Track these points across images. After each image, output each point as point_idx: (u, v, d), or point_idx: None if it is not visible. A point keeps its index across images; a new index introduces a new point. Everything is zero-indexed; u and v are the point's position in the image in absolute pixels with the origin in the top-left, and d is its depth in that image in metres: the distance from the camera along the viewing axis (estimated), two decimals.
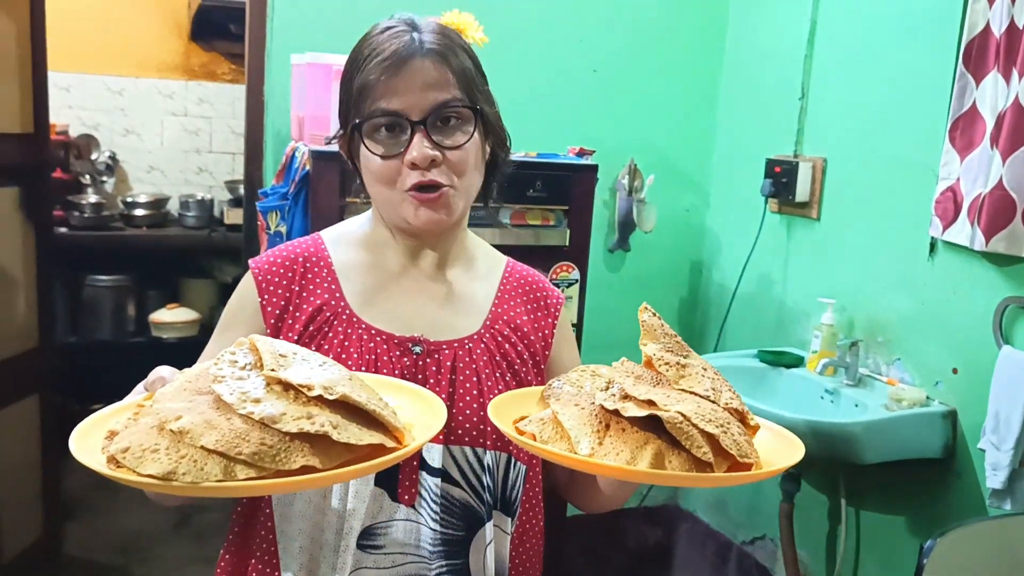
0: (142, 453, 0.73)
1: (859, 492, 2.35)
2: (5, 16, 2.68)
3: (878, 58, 2.33)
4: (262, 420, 0.75)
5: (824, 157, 2.50)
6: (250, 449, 0.74)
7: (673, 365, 0.89)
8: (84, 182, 4.11)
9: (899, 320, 2.25)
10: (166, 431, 0.75)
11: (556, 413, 0.89)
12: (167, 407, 0.77)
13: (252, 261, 1.16)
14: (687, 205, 3.00)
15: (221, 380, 0.79)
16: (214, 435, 0.74)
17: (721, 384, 0.90)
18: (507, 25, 2.60)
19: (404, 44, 1.05)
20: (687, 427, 0.81)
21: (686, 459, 0.82)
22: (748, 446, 0.85)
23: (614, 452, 0.83)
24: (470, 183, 1.12)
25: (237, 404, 0.76)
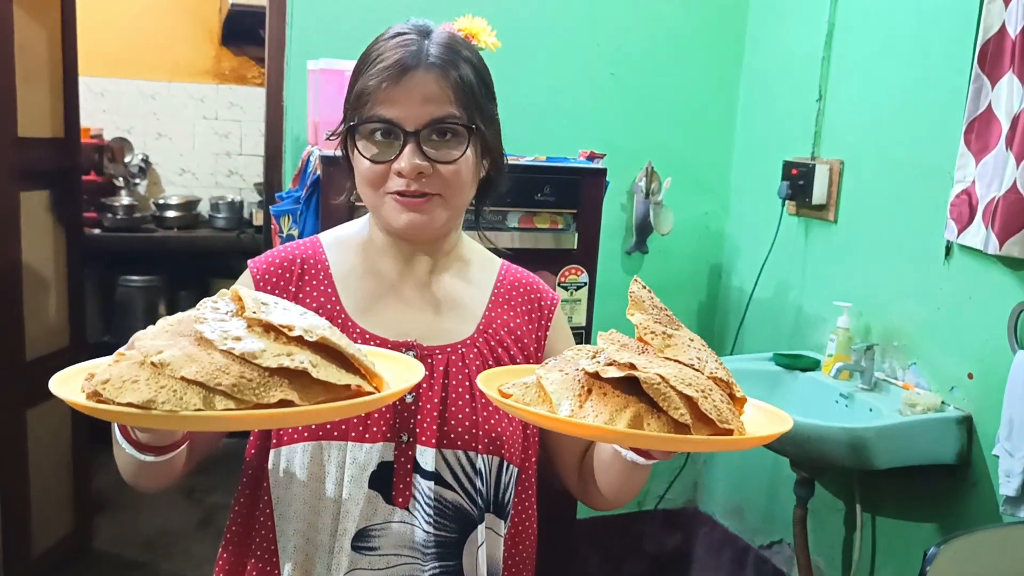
0: (122, 384, 0.74)
1: (874, 498, 2.33)
2: (36, 23, 2.74)
3: (894, 60, 2.30)
4: (242, 355, 0.76)
5: (841, 159, 2.48)
6: (230, 381, 0.75)
7: (659, 335, 0.89)
8: (117, 184, 4.21)
9: (915, 324, 2.22)
10: (147, 364, 0.76)
11: (540, 378, 0.90)
12: (148, 344, 0.78)
13: (251, 261, 1.18)
14: (705, 208, 2.98)
15: (203, 321, 0.81)
16: (194, 367, 0.75)
17: (707, 355, 0.89)
18: (523, 28, 2.60)
19: (410, 54, 1.06)
20: (664, 388, 0.81)
21: (666, 423, 0.82)
22: (730, 413, 0.84)
23: (594, 414, 0.83)
24: (458, 198, 1.13)
25: (218, 341, 0.77)
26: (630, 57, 2.79)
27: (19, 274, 2.68)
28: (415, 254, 1.18)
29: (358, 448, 1.09)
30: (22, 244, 2.68)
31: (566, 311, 2.17)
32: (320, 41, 2.41)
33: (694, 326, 3.05)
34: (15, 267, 2.65)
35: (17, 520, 2.69)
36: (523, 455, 1.18)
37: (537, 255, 2.12)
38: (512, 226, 2.11)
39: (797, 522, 2.35)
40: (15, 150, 2.61)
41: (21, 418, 2.74)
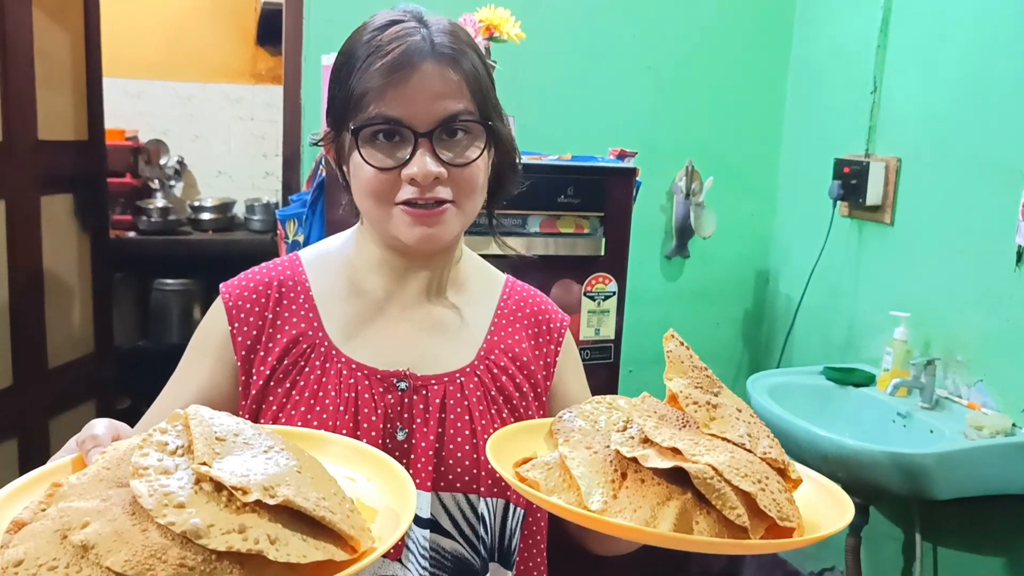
0: (37, 570, 0.62)
1: (936, 527, 2.15)
2: (59, 26, 2.71)
3: (957, 47, 2.13)
4: (183, 533, 0.64)
5: (898, 157, 2.31)
6: (166, 573, 0.62)
7: (703, 405, 0.77)
8: (153, 187, 4.19)
9: (981, 337, 2.04)
10: (68, 541, 0.64)
11: (564, 457, 0.78)
12: (74, 507, 0.66)
13: (223, 286, 1.06)
14: (751, 210, 2.83)
15: (143, 474, 0.67)
16: (124, 553, 0.62)
17: (758, 429, 0.78)
18: (549, 18, 2.50)
19: (413, 45, 0.93)
20: (719, 483, 0.70)
21: (716, 519, 0.71)
22: (789, 506, 0.73)
23: (631, 508, 0.72)
24: (473, 204, 1.00)
25: (156, 510, 0.64)
26: (668, 49, 2.66)
27: (41, 280, 2.65)
28: (410, 271, 1.05)
29: None
30: (43, 249, 2.64)
31: (592, 323, 2.03)
32: (337, 37, 2.31)
33: (738, 336, 2.89)
34: (36, 273, 2.62)
35: None
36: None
37: (560, 262, 1.98)
38: (533, 231, 1.96)
39: (850, 551, 2.18)
40: (35, 154, 2.58)
41: (44, 426, 2.71)
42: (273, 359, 1.01)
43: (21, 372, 2.55)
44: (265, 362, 1.01)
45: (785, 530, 0.72)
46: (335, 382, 0.99)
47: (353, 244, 1.08)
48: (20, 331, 2.52)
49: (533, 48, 2.11)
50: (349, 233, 1.10)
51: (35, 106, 2.57)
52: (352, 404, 0.98)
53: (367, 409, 0.98)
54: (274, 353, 1.01)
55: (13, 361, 2.51)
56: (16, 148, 2.47)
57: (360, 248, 1.07)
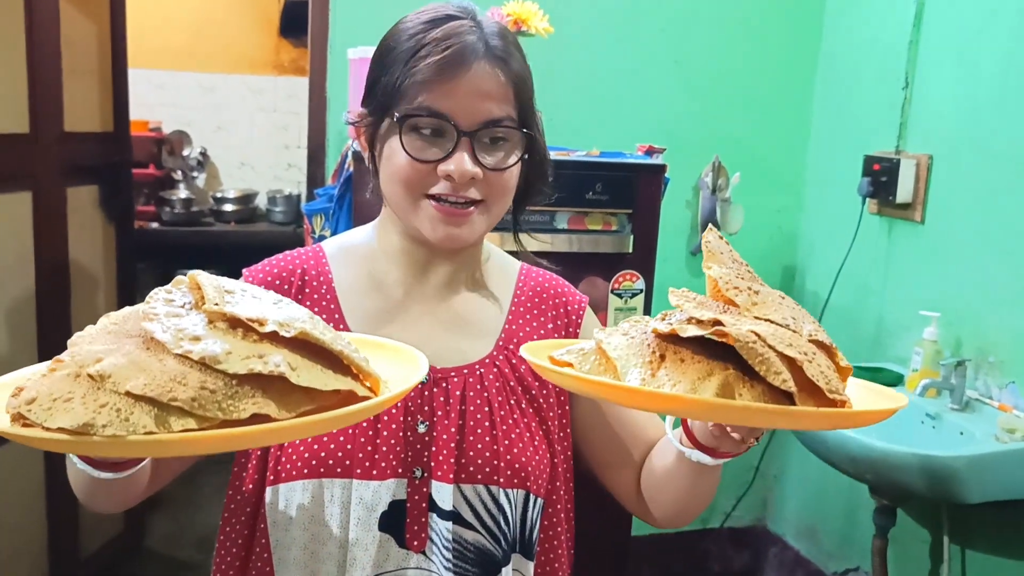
0: (52, 404, 0.59)
1: (965, 531, 2.12)
2: (84, 16, 2.71)
3: (993, 42, 2.09)
4: (202, 360, 0.61)
5: (930, 154, 2.28)
6: (187, 394, 0.60)
7: (744, 290, 0.74)
8: (176, 178, 4.20)
9: (1014, 338, 2.01)
10: (83, 376, 0.61)
11: (600, 342, 0.75)
12: (85, 350, 0.64)
13: (246, 270, 1.07)
14: (778, 206, 2.80)
15: (153, 318, 0.65)
16: (142, 378, 0.60)
17: (802, 315, 0.74)
18: (577, 12, 2.48)
19: (469, 44, 0.94)
20: (762, 348, 0.66)
21: (762, 392, 0.66)
22: (837, 379, 0.68)
23: (670, 383, 0.68)
24: (500, 207, 1.01)
25: (172, 342, 0.62)
26: (696, 43, 2.63)
27: (66, 271, 2.65)
28: (431, 263, 1.06)
29: (364, 486, 0.97)
30: (69, 240, 2.65)
31: (619, 321, 2.01)
32: (363, 29, 2.30)
33: None
34: (62, 264, 2.63)
35: (65, 520, 2.66)
36: (550, 485, 1.06)
37: (588, 259, 1.97)
38: (561, 227, 1.95)
39: (876, 553, 2.16)
40: (61, 145, 2.58)
41: None
42: None
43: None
44: None
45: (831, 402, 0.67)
46: None
47: (375, 236, 1.09)
48: (46, 321, 2.53)
49: (560, 42, 2.10)
50: (371, 226, 1.11)
51: (61, 97, 2.57)
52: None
53: None
54: None
55: (38, 351, 2.52)
56: (42, 139, 2.47)
57: (382, 239, 1.08)
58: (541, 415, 1.05)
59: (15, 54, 2.35)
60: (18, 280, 2.41)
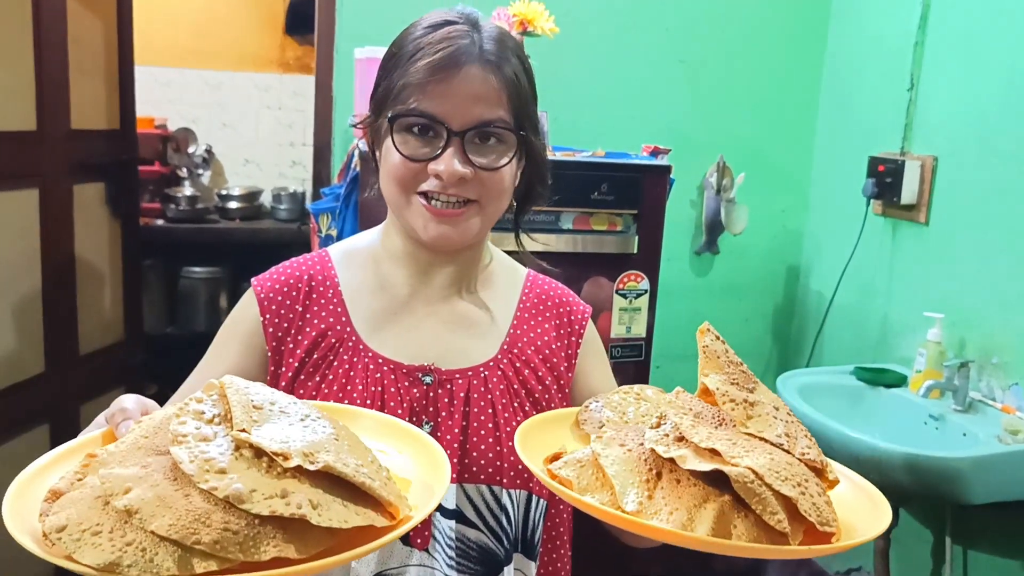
0: (81, 535, 0.62)
1: (967, 531, 2.12)
2: (91, 14, 2.72)
3: (998, 44, 2.09)
4: (226, 498, 0.63)
5: (934, 155, 2.27)
6: (210, 537, 0.62)
7: (740, 403, 0.76)
8: (181, 175, 4.20)
9: (1018, 340, 2.01)
10: (111, 507, 0.63)
11: (597, 455, 0.77)
12: (115, 474, 0.66)
13: (255, 280, 1.08)
14: (783, 206, 2.80)
15: (182, 441, 0.67)
16: (168, 517, 0.62)
17: (796, 428, 0.77)
18: (583, 12, 2.48)
19: (462, 48, 0.96)
20: (760, 488, 0.68)
21: (753, 522, 0.69)
22: (829, 510, 0.72)
23: (667, 509, 0.70)
24: (496, 207, 1.03)
25: (197, 476, 0.64)
26: (701, 43, 2.64)
27: (73, 268, 2.66)
28: (434, 265, 1.07)
29: None
30: (75, 237, 2.66)
31: (624, 321, 2.02)
32: (369, 29, 2.32)
33: (768, 332, 2.87)
34: (69, 260, 2.64)
35: None
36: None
37: (593, 260, 1.98)
38: (566, 228, 1.95)
39: (879, 553, 2.16)
40: (68, 143, 2.59)
41: (75, 412, 2.73)
42: (302, 352, 1.03)
43: (53, 358, 2.57)
44: (294, 355, 1.03)
45: (822, 534, 0.71)
46: (362, 376, 1.02)
47: (380, 239, 1.11)
48: (52, 318, 2.54)
49: (566, 42, 2.10)
50: (376, 229, 1.13)
51: (68, 95, 2.58)
52: (379, 398, 1.00)
53: (393, 403, 1.00)
54: (303, 346, 1.03)
55: (45, 347, 2.54)
56: (49, 137, 2.48)
57: (386, 241, 1.09)
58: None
59: (23, 52, 2.35)
60: (25, 276, 2.42)
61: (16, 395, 2.39)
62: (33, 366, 2.48)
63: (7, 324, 2.35)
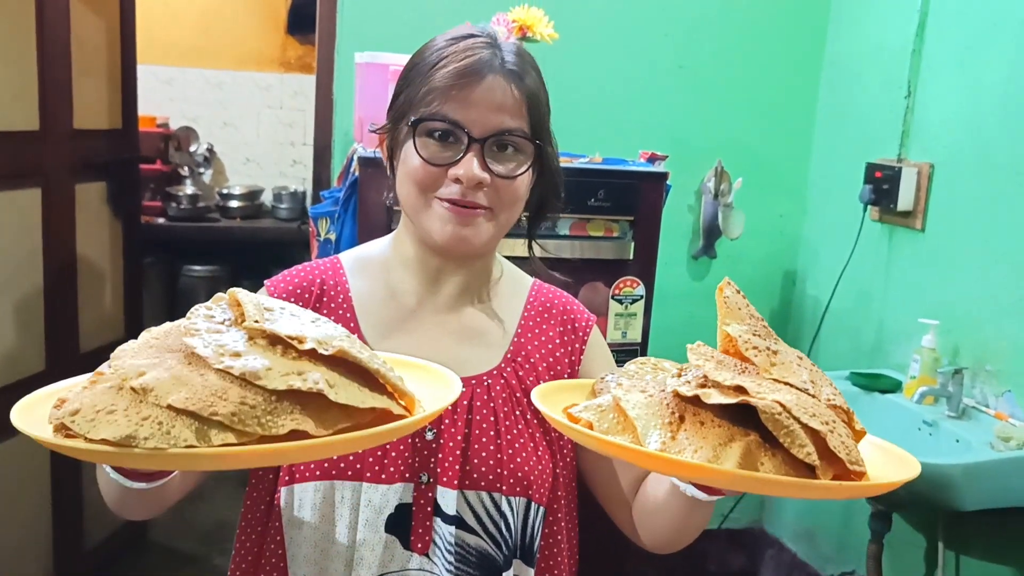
0: (95, 415, 0.61)
1: (960, 537, 2.14)
2: (94, 14, 2.73)
3: (994, 52, 2.10)
4: (243, 376, 0.63)
5: (931, 162, 2.28)
6: (228, 409, 0.61)
7: (763, 350, 0.73)
8: (183, 174, 4.22)
9: (1012, 347, 2.02)
10: (126, 390, 0.63)
11: (618, 399, 0.74)
12: (128, 364, 0.65)
13: (268, 281, 1.11)
14: (781, 211, 2.81)
15: (195, 333, 0.67)
16: (184, 392, 0.62)
17: (820, 377, 0.74)
18: (583, 18, 2.50)
19: (485, 58, 0.99)
20: (788, 420, 0.66)
21: (782, 461, 0.67)
22: (857, 452, 0.69)
23: (691, 448, 0.67)
24: (508, 215, 1.05)
25: (213, 358, 0.64)
26: (701, 48, 2.64)
27: (74, 266, 2.67)
28: (443, 272, 1.09)
29: (373, 489, 1.01)
30: (77, 236, 2.67)
31: (619, 326, 2.04)
32: (371, 33, 2.33)
33: None
34: (70, 259, 2.65)
35: (70, 512, 2.69)
36: (551, 494, 1.08)
37: (590, 265, 1.99)
38: (563, 233, 1.97)
39: (871, 557, 2.18)
40: (71, 143, 2.60)
41: None
42: None
43: (54, 357, 2.58)
44: None
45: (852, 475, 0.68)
46: None
47: (391, 248, 1.13)
48: (53, 316, 2.55)
49: (566, 47, 2.10)
50: (388, 238, 1.15)
51: (71, 95, 2.58)
52: None
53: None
54: None
55: (46, 345, 2.55)
56: (52, 137, 2.49)
57: (397, 249, 1.11)
58: (545, 426, 1.08)
59: (26, 52, 2.36)
60: (27, 275, 2.43)
61: (16, 393, 2.38)
62: (34, 364, 2.49)
63: (8, 322, 2.36)
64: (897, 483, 0.70)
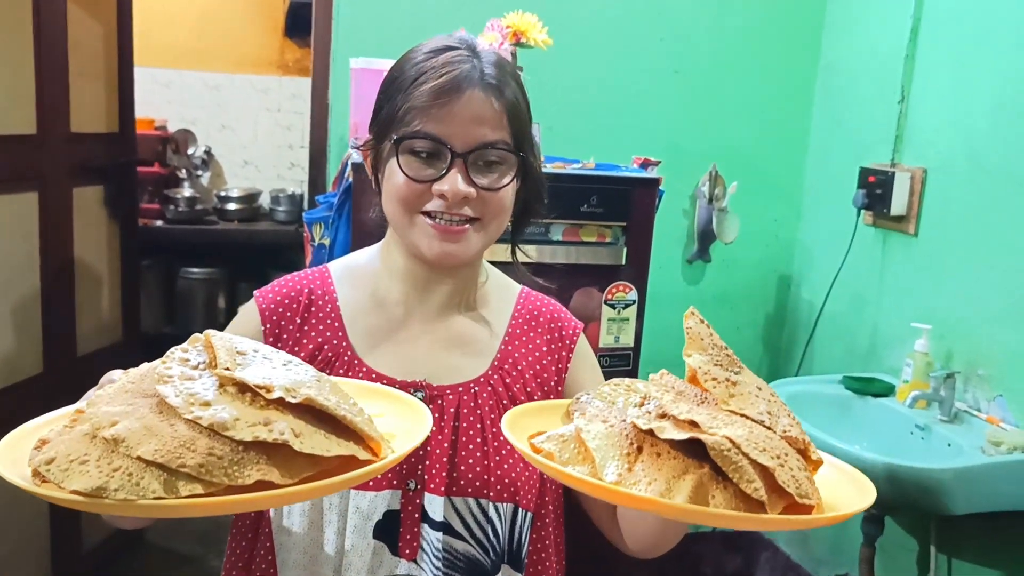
0: (68, 465, 0.64)
1: (952, 541, 2.14)
2: (91, 17, 2.73)
3: (988, 58, 2.10)
4: (211, 426, 0.65)
5: (924, 167, 2.29)
6: (195, 460, 0.64)
7: (721, 381, 0.76)
8: (181, 176, 4.22)
9: (1003, 352, 2.03)
10: (99, 439, 0.65)
11: (580, 430, 0.77)
12: (102, 411, 0.67)
13: (257, 292, 1.11)
14: (775, 214, 2.82)
15: (167, 380, 0.69)
16: (153, 443, 0.64)
17: (778, 407, 0.76)
18: (577, 23, 2.50)
19: (464, 72, 0.99)
20: (736, 456, 0.68)
21: (733, 494, 0.69)
22: (809, 484, 0.71)
23: (646, 480, 0.70)
24: (496, 225, 1.05)
25: (183, 407, 0.66)
26: (696, 53, 2.65)
27: (71, 269, 2.68)
28: (432, 282, 1.09)
29: (361, 496, 1.02)
30: (74, 239, 2.68)
31: (612, 331, 2.04)
32: (366, 38, 2.34)
33: (759, 340, 2.89)
34: (67, 262, 2.66)
35: (67, 514, 2.70)
36: (539, 500, 1.09)
37: (583, 270, 2.00)
38: (555, 239, 1.98)
39: (864, 560, 2.18)
40: (68, 146, 2.61)
41: None
42: None
43: (51, 359, 2.59)
44: None
45: (802, 508, 0.70)
46: None
47: (379, 257, 1.13)
48: (51, 319, 2.56)
49: (560, 52, 2.12)
50: (376, 247, 1.15)
51: (68, 99, 2.59)
52: None
53: None
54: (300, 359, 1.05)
55: (43, 348, 2.55)
56: (49, 140, 2.50)
57: (385, 258, 1.12)
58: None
59: (23, 56, 2.37)
60: (24, 278, 2.44)
61: (14, 396, 2.41)
62: (31, 367, 2.50)
63: (6, 325, 2.37)
64: (844, 516, 0.72)
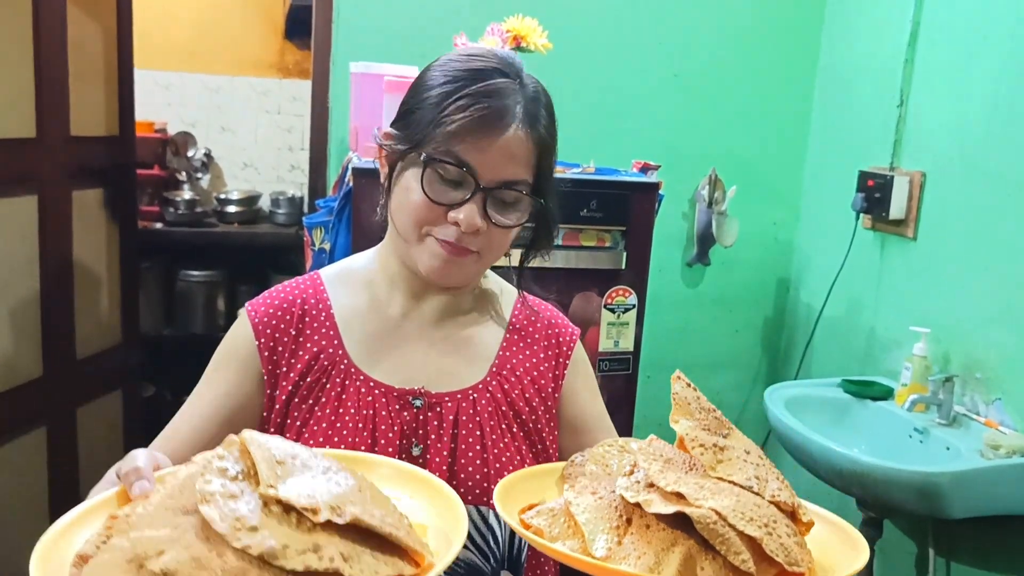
0: None
1: (951, 544, 2.14)
2: (91, 19, 2.73)
3: (986, 62, 2.11)
4: (261, 556, 0.64)
5: (923, 171, 2.29)
6: None
7: (709, 448, 0.77)
8: (180, 179, 4.22)
9: (1001, 355, 2.03)
10: (146, 570, 0.63)
11: (569, 503, 0.79)
12: (147, 536, 0.66)
13: (249, 304, 1.10)
14: (774, 218, 2.82)
15: (209, 500, 0.68)
16: None
17: (767, 471, 0.77)
18: (577, 27, 2.50)
19: (508, 107, 0.97)
20: (723, 528, 0.70)
21: (721, 565, 0.70)
22: (799, 550, 0.72)
23: (635, 554, 0.72)
24: (493, 257, 1.05)
25: (230, 535, 0.65)
26: (696, 57, 2.65)
27: (70, 272, 2.68)
28: (428, 289, 1.09)
29: None
30: (74, 242, 2.68)
31: (612, 335, 2.05)
32: (367, 41, 2.34)
33: (757, 343, 2.89)
34: (66, 265, 2.66)
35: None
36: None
37: (582, 275, 2.00)
38: (556, 244, 1.98)
39: None
40: (67, 149, 2.61)
41: (72, 416, 2.75)
42: (296, 376, 1.04)
43: (51, 362, 2.59)
44: (288, 378, 1.04)
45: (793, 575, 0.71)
46: (354, 400, 1.03)
47: (376, 262, 1.12)
48: (50, 322, 2.56)
49: (560, 56, 2.12)
50: (373, 251, 1.14)
51: (68, 101, 2.59)
52: (370, 421, 1.02)
53: (384, 426, 1.02)
54: (296, 370, 1.04)
55: (43, 351, 2.56)
56: (48, 143, 2.50)
57: (383, 263, 1.11)
58: (531, 439, 1.08)
59: (23, 58, 2.37)
60: (24, 281, 2.44)
61: (13, 399, 2.41)
62: (31, 369, 2.50)
63: (5, 328, 2.37)
64: None
